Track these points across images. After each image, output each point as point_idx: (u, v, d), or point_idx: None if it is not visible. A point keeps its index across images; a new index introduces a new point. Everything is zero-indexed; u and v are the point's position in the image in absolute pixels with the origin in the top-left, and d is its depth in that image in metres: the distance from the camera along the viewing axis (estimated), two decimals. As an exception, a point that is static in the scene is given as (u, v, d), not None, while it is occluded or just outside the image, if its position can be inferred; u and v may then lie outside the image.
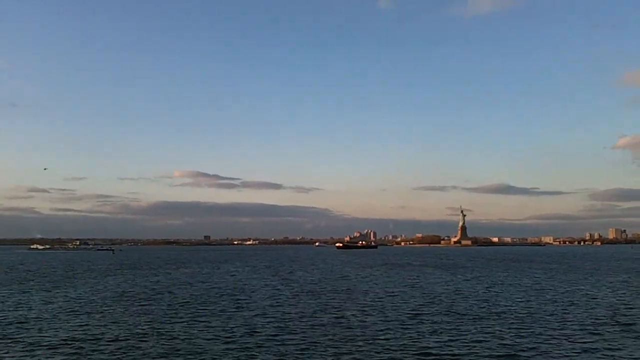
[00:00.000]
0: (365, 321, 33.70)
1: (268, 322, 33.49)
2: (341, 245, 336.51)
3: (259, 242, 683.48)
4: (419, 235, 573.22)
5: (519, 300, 44.88)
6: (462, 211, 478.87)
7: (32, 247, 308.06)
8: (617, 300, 45.23)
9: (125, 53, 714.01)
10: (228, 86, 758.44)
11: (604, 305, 41.22)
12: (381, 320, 34.17)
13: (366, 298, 46.81)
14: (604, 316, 35.52)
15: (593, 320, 33.65)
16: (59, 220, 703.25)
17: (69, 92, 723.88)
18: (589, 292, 51.19)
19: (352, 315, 36.31)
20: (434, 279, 69.45)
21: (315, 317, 35.62)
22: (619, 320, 33.92)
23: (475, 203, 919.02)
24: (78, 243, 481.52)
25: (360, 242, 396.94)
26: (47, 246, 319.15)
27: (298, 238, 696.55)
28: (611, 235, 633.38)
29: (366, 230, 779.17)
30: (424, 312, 37.43)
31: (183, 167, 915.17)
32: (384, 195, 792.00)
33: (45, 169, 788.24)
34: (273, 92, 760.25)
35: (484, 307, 39.88)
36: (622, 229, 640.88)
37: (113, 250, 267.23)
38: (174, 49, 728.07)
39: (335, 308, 40.01)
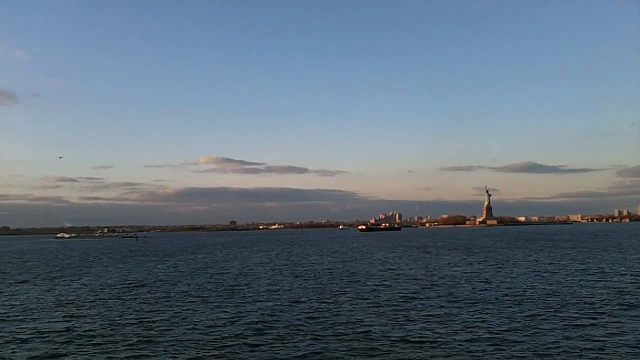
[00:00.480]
0: (355, 306, 32.75)
1: (256, 309, 32.71)
2: (364, 227, 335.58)
3: (284, 226, 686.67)
4: (445, 216, 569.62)
5: (516, 282, 43.50)
6: (487, 191, 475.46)
7: (58, 235, 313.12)
8: (615, 280, 43.55)
9: (149, 42, 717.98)
10: (251, 72, 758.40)
11: (603, 286, 39.71)
12: (370, 305, 33.23)
13: (367, 282, 45.76)
14: (599, 296, 34.13)
15: (584, 300, 32.30)
16: (88, 208, 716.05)
17: (93, 82, 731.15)
18: (591, 271, 49.55)
19: (345, 300, 35.39)
20: (444, 261, 68.01)
21: (306, 303, 34.76)
22: (616, 300, 32.49)
23: (502, 182, 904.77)
24: (106, 231, 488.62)
25: (383, 225, 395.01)
26: (74, 235, 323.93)
27: (323, 221, 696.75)
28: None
29: (391, 212, 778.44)
30: (417, 297, 36.26)
31: (208, 153, 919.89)
32: (410, 177, 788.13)
33: (60, 157, 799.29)
34: (296, 77, 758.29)
35: (483, 291, 38.56)
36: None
37: (136, 237, 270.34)
38: (198, 37, 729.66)
39: (331, 293, 39.11)
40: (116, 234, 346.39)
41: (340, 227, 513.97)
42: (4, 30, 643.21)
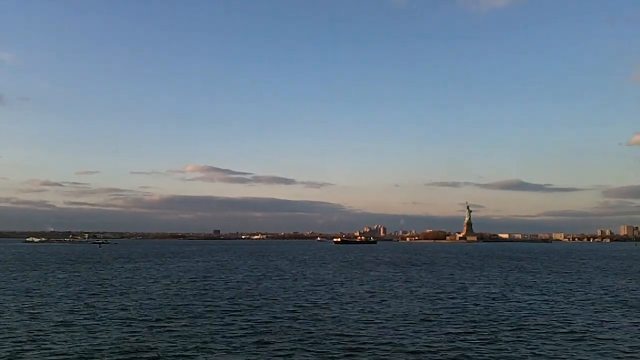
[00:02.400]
0: (232, 323, 30.81)
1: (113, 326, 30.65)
2: (339, 240, 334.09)
3: (266, 237, 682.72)
4: (429, 230, 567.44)
5: (396, 302, 41.68)
6: (468, 207, 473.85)
7: (27, 240, 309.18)
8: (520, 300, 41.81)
9: (138, 48, 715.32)
10: (239, 81, 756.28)
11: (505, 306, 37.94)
12: (259, 319, 31.29)
13: (270, 297, 43.77)
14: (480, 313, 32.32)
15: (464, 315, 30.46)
16: (72, 213, 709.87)
17: (81, 87, 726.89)
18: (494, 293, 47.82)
19: (214, 316, 33.41)
20: (359, 277, 66.28)
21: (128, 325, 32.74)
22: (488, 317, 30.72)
23: (488, 199, 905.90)
24: (87, 236, 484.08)
25: (359, 238, 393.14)
26: (44, 239, 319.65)
27: (308, 233, 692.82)
28: (623, 232, 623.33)
29: (376, 226, 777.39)
30: (297, 317, 34.35)
31: (195, 162, 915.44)
32: (397, 191, 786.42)
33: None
34: (284, 88, 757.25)
35: (386, 311, 36.72)
36: (635, 225, 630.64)
37: (100, 244, 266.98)
38: (187, 45, 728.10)
39: (180, 308, 37.06)
40: (87, 239, 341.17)
41: (318, 239, 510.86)
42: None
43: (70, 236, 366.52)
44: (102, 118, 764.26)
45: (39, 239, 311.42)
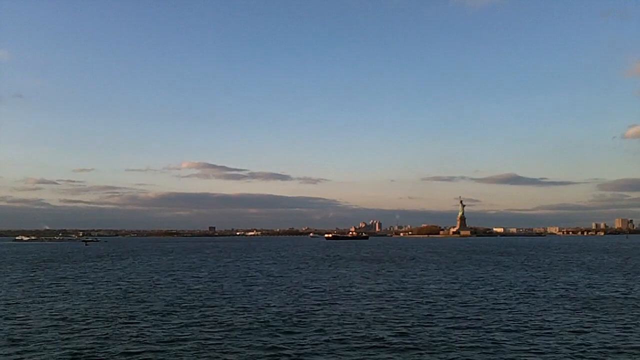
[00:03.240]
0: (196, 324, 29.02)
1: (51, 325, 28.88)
2: (330, 236, 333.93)
3: (261, 233, 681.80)
4: (424, 225, 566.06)
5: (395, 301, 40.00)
6: (461, 201, 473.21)
7: (17, 238, 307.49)
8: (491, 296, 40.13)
9: (133, 46, 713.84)
10: (235, 78, 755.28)
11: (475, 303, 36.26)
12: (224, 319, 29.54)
13: (244, 297, 42.01)
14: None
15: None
16: (68, 211, 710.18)
17: (76, 84, 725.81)
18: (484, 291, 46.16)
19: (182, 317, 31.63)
20: (325, 273, 64.65)
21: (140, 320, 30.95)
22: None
23: (484, 193, 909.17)
24: (81, 234, 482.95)
25: (350, 233, 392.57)
26: (33, 238, 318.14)
27: (303, 229, 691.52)
28: (617, 225, 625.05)
29: (371, 221, 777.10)
30: (271, 317, 32.61)
31: (191, 159, 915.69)
32: (393, 186, 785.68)
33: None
34: (280, 84, 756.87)
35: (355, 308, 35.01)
36: (629, 219, 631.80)
37: (87, 241, 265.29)
38: (181, 42, 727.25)
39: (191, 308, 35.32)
40: (79, 238, 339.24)
41: (311, 235, 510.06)
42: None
43: (61, 234, 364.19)
44: (97, 115, 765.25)
45: (28, 238, 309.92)
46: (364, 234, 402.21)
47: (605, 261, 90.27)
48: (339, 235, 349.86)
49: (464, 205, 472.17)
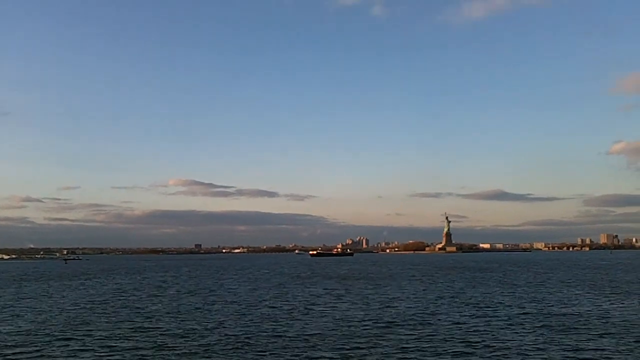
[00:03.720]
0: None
1: None
2: (315, 253, 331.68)
3: (247, 250, 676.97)
4: (411, 242, 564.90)
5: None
6: (447, 217, 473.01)
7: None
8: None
9: (119, 62, 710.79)
10: (222, 94, 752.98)
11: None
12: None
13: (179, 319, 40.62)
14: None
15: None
16: (53, 229, 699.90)
17: (61, 101, 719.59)
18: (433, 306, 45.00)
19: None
20: (323, 294, 63.33)
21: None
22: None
23: (471, 209, 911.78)
24: (65, 252, 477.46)
25: (335, 250, 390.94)
26: (14, 256, 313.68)
27: (290, 246, 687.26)
28: (602, 240, 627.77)
29: (359, 237, 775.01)
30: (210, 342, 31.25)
31: (178, 176, 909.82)
32: (380, 202, 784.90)
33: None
34: (267, 100, 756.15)
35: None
36: (614, 234, 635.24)
37: (66, 259, 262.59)
38: (168, 59, 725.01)
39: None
40: (58, 255, 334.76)
41: (296, 252, 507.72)
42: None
43: (42, 253, 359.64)
44: (83, 133, 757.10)
45: (8, 256, 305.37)
46: (349, 251, 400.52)
47: (580, 277, 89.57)
48: (323, 252, 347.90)
49: (449, 222, 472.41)
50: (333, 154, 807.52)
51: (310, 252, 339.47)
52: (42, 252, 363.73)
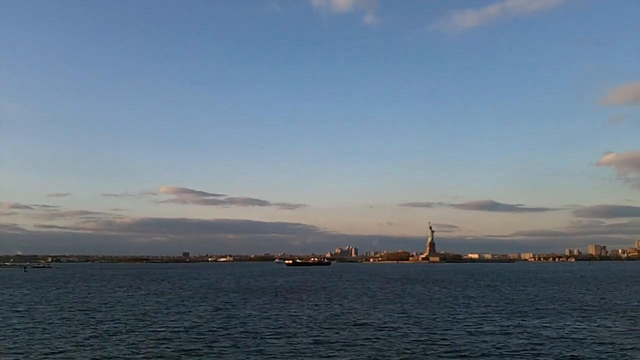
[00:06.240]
0: None
1: None
2: (291, 262, 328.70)
3: (234, 259, 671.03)
4: (395, 251, 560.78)
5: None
6: (430, 227, 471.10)
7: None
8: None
9: (110, 70, 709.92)
10: (213, 103, 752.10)
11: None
12: None
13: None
14: None
15: None
16: (42, 237, 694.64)
17: (51, 108, 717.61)
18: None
19: None
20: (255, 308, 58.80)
21: None
22: None
23: (461, 219, 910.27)
24: (50, 260, 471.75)
25: (312, 259, 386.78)
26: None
27: (279, 255, 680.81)
28: (590, 251, 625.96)
29: (347, 247, 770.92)
30: None
31: (168, 184, 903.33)
32: (371, 212, 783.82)
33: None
34: (259, 110, 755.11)
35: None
36: (602, 245, 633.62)
37: (25, 267, 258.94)
38: (160, 67, 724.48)
39: None
40: (27, 264, 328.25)
41: (276, 260, 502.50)
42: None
43: (12, 260, 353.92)
44: (73, 139, 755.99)
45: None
46: (325, 260, 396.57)
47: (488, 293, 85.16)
48: (299, 261, 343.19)
49: (433, 231, 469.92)
50: (324, 163, 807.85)
51: (286, 262, 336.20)
52: (11, 260, 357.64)
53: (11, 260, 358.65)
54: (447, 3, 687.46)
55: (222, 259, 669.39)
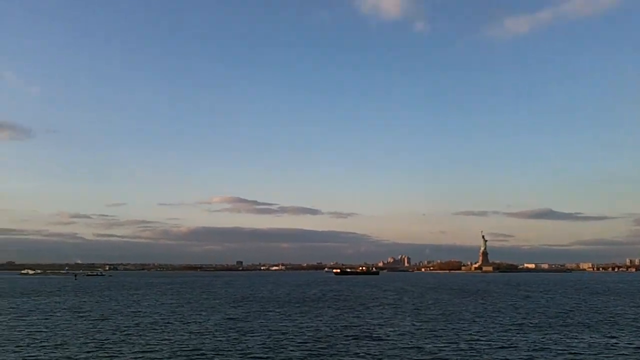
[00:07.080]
0: None
1: None
2: (339, 271, 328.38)
3: (286, 268, 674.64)
4: (447, 260, 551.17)
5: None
6: (483, 236, 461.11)
7: (22, 272, 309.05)
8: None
9: (162, 80, 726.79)
10: (267, 112, 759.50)
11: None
12: None
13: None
14: None
15: None
16: (100, 245, 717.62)
17: (107, 118, 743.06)
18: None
19: None
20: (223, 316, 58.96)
21: None
22: None
23: (517, 228, 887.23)
24: (108, 268, 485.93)
25: (360, 268, 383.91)
26: (39, 271, 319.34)
27: (332, 263, 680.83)
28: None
29: (400, 256, 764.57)
30: None
31: (222, 193, 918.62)
32: (424, 221, 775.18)
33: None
34: (311, 119, 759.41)
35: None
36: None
37: (75, 275, 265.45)
38: (210, 77, 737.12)
39: None
40: (81, 271, 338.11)
41: (326, 269, 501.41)
42: (20, 67, 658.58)
43: (66, 268, 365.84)
44: (130, 150, 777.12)
45: (34, 272, 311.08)
46: (374, 269, 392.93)
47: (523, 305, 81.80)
48: (348, 270, 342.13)
49: (485, 240, 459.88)
50: (377, 171, 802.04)
51: (334, 271, 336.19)
52: (66, 267, 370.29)
53: (66, 267, 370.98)
54: (498, 8, 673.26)
55: (274, 268, 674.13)
